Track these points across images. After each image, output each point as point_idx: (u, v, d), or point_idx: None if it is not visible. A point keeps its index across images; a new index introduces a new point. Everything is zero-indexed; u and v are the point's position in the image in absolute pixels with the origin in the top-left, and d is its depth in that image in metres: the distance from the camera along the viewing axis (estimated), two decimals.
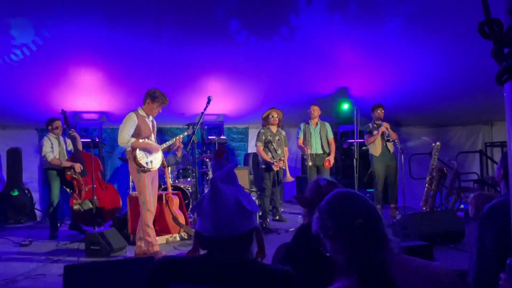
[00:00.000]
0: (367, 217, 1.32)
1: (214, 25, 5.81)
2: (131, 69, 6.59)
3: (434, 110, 8.28)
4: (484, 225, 1.91)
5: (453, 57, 6.48)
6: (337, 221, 1.34)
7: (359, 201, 1.38)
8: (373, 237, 1.29)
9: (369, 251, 1.26)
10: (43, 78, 6.46)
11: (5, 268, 4.41)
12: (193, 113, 7.68)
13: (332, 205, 1.39)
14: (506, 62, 0.85)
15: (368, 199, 1.41)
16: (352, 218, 1.31)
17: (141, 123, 4.72)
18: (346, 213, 1.34)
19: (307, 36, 6.23)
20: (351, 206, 1.36)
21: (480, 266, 1.87)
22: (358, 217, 1.31)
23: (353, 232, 1.29)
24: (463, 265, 2.01)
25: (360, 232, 1.28)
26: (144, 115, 4.80)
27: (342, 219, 1.33)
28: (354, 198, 1.39)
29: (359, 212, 1.33)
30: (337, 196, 1.42)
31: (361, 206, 1.35)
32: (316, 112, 6.90)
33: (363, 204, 1.37)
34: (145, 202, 4.63)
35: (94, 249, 4.77)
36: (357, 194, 1.42)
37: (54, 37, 5.67)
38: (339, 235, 1.32)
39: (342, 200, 1.39)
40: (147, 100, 4.76)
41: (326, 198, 1.43)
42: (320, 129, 6.88)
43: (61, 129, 6.05)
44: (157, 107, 4.77)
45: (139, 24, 5.73)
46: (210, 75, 7.04)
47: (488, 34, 0.88)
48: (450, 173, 6.75)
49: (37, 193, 7.70)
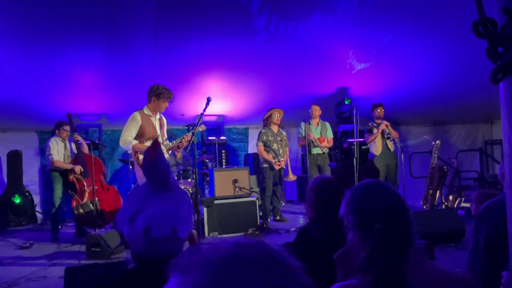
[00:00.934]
0: (391, 220, 1.22)
1: (213, 24, 5.81)
2: (130, 69, 6.59)
3: (434, 109, 8.28)
4: (479, 222, 1.93)
5: (453, 56, 6.48)
6: (358, 218, 1.27)
7: (386, 199, 1.26)
8: (393, 242, 1.20)
9: (387, 256, 1.18)
10: (43, 80, 6.46)
11: (6, 271, 4.42)
12: (192, 114, 7.69)
13: (355, 199, 1.30)
14: (501, 61, 0.85)
15: (399, 196, 1.29)
16: (374, 219, 1.22)
17: (145, 123, 4.60)
18: (368, 213, 1.25)
19: (307, 36, 6.23)
20: (375, 205, 1.25)
21: (473, 262, 1.88)
22: (380, 219, 1.21)
23: (372, 234, 1.21)
24: (463, 264, 2.02)
25: (380, 236, 1.20)
26: (150, 113, 4.67)
27: (363, 218, 1.25)
28: (382, 195, 1.27)
29: (382, 213, 1.23)
30: (364, 190, 1.31)
31: (386, 206, 1.24)
32: (317, 111, 6.94)
33: (390, 203, 1.25)
34: None
35: (95, 251, 4.77)
36: (386, 191, 1.29)
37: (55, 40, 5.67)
38: (358, 232, 1.26)
39: (367, 196, 1.28)
40: (152, 98, 4.63)
41: (354, 187, 1.33)
42: (321, 129, 6.91)
43: (68, 133, 6.08)
44: (163, 103, 4.64)
45: (137, 24, 5.73)
46: (209, 75, 7.04)
47: (482, 34, 0.88)
48: (450, 171, 6.74)
49: (38, 196, 7.70)
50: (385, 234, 1.20)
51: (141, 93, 6.79)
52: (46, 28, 5.46)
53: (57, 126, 6.16)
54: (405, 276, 1.16)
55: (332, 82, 7.62)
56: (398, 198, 1.28)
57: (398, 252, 1.19)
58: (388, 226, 1.21)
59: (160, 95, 4.60)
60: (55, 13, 5.19)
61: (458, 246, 4.81)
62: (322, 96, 7.86)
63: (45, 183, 7.62)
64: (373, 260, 1.19)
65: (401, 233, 1.22)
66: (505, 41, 0.85)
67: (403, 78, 7.32)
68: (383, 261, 1.18)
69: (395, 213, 1.24)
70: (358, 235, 1.26)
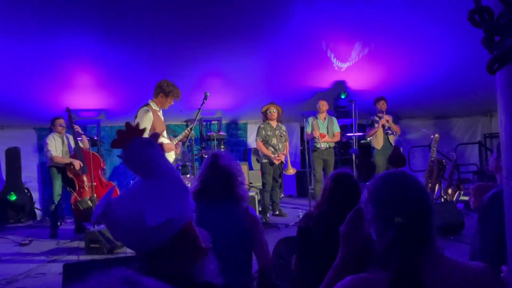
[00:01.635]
0: (411, 215, 1.16)
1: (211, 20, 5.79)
2: (128, 65, 6.56)
3: (433, 102, 8.27)
4: (486, 215, 1.87)
5: (452, 49, 6.45)
6: (377, 210, 1.22)
7: (408, 192, 1.20)
8: (413, 238, 1.15)
9: (405, 252, 1.13)
10: (40, 77, 6.43)
11: (5, 268, 4.41)
12: (191, 109, 7.66)
13: (376, 189, 1.24)
14: (497, 51, 0.83)
15: (423, 189, 1.23)
16: (394, 213, 1.16)
17: (155, 119, 4.49)
18: (388, 205, 1.19)
19: (304, 30, 6.20)
20: (395, 198, 1.19)
21: (484, 259, 1.84)
22: (401, 213, 1.15)
23: (391, 228, 1.16)
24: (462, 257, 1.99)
25: (399, 231, 1.15)
26: (157, 109, 4.58)
27: (382, 210, 1.20)
28: (405, 187, 1.21)
29: (402, 207, 1.17)
30: (386, 180, 1.25)
31: (408, 200, 1.18)
32: (324, 106, 6.97)
33: (413, 196, 1.19)
34: None
35: (94, 247, 4.76)
36: (410, 183, 1.22)
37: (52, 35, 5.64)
38: (377, 224, 1.22)
39: (389, 187, 1.22)
40: (160, 93, 4.52)
41: (378, 176, 1.28)
42: (328, 123, 6.94)
43: (64, 127, 6.05)
44: (170, 101, 4.57)
45: (135, 21, 5.70)
46: (208, 70, 7.02)
47: (478, 22, 0.86)
48: (449, 165, 6.74)
49: (37, 193, 7.69)
50: (405, 229, 1.14)
51: (139, 88, 6.80)
52: (41, 22, 5.44)
53: (52, 121, 6.14)
54: (422, 273, 1.11)
55: (329, 76, 7.59)
56: (422, 191, 1.22)
57: (417, 249, 1.14)
58: (408, 221, 1.15)
59: (170, 93, 4.51)
60: (50, 6, 5.16)
61: (457, 239, 4.81)
62: (320, 90, 7.84)
63: (44, 180, 7.61)
64: (391, 255, 1.14)
65: (422, 227, 1.16)
66: (502, 30, 0.83)
67: (402, 72, 7.30)
68: (401, 257, 1.13)
69: (419, 204, 1.18)
70: (376, 227, 1.22)
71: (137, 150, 1.12)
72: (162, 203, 1.06)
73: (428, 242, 1.17)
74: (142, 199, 1.06)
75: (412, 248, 1.14)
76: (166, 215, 1.03)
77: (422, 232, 1.16)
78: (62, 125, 6.05)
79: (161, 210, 1.04)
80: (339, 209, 2.08)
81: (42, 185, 7.68)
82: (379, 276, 1.14)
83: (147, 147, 1.13)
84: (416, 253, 1.14)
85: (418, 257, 1.13)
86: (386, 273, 1.13)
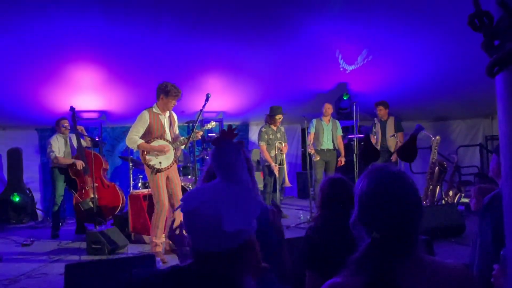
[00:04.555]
0: (392, 226, 1.13)
1: (213, 21, 5.80)
2: (129, 67, 6.58)
3: (434, 104, 8.27)
4: (484, 217, 1.89)
5: (453, 51, 6.46)
6: (361, 211, 1.20)
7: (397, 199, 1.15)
8: (392, 247, 1.13)
9: (381, 257, 1.12)
10: (42, 77, 6.45)
11: (7, 268, 4.43)
12: (193, 110, 7.67)
13: (362, 192, 1.20)
14: (497, 54, 0.84)
15: (412, 192, 1.17)
16: (378, 223, 1.14)
17: (153, 122, 4.59)
18: (371, 212, 1.17)
19: (307, 32, 6.22)
20: (382, 206, 1.15)
21: (483, 260, 1.85)
22: (384, 221, 1.13)
23: (371, 238, 1.15)
24: (463, 259, 2.00)
25: (378, 242, 1.13)
26: (159, 112, 4.66)
27: (364, 215, 1.19)
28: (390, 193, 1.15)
29: (388, 217, 1.14)
30: (372, 181, 1.20)
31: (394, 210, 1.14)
32: (330, 110, 7.03)
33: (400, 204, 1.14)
34: (158, 202, 4.58)
35: (96, 248, 4.79)
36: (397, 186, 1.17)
37: (52, 34, 5.66)
38: (359, 228, 1.20)
39: (377, 193, 1.17)
40: (160, 95, 4.60)
41: (363, 176, 1.24)
42: (332, 126, 6.99)
43: (67, 128, 6.07)
44: (171, 100, 4.63)
45: (137, 22, 5.72)
46: (209, 71, 7.03)
47: (478, 27, 0.88)
48: (450, 167, 6.74)
49: (39, 193, 7.70)
50: (384, 242, 1.13)
51: (141, 90, 6.82)
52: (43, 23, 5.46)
53: (57, 122, 6.17)
54: (398, 277, 1.09)
55: (331, 78, 7.61)
56: (414, 193, 1.18)
57: (395, 255, 1.12)
58: (390, 231, 1.13)
59: (169, 93, 4.57)
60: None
61: (458, 241, 4.81)
62: (322, 92, 7.85)
63: (45, 181, 7.62)
64: (367, 259, 1.13)
65: (403, 237, 1.14)
66: (502, 34, 0.84)
67: (403, 74, 7.31)
68: (377, 261, 1.11)
69: (400, 216, 1.14)
70: (358, 230, 1.20)
71: (227, 150, 1.20)
72: (240, 213, 1.11)
73: (409, 248, 1.15)
74: (223, 202, 1.11)
75: (389, 256, 1.12)
76: (241, 225, 1.09)
77: (402, 243, 1.14)
78: (66, 126, 6.07)
79: (238, 219, 1.09)
80: (336, 216, 2.07)
81: (44, 185, 7.69)
82: (353, 281, 1.12)
83: (235, 151, 1.20)
84: (393, 258, 1.12)
85: (395, 261, 1.12)
86: (360, 278, 1.11)
